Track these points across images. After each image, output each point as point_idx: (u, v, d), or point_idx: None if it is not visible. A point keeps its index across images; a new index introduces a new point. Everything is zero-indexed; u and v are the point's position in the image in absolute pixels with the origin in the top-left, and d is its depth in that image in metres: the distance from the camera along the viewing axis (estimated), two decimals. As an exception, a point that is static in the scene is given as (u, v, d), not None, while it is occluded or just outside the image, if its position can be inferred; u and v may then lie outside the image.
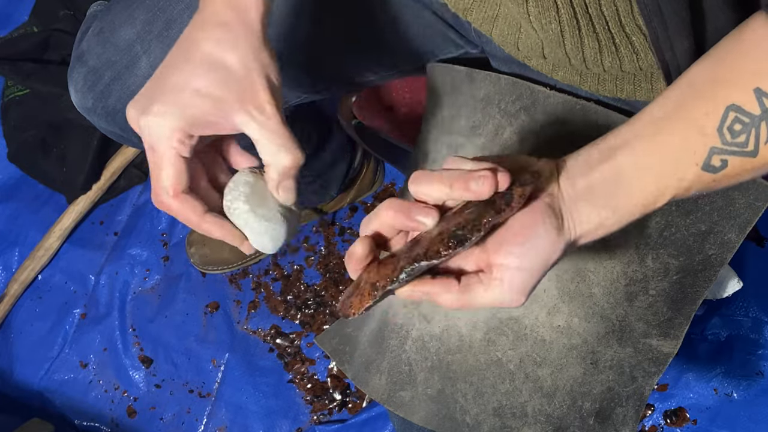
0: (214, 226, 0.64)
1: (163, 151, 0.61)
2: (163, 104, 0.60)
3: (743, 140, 0.53)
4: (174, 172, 0.61)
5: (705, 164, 0.55)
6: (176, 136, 0.60)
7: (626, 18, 0.65)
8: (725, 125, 0.53)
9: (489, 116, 0.83)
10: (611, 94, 0.77)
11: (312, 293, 1.54)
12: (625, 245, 0.75)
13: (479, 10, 0.77)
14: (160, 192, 0.62)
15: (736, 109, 0.53)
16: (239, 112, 0.60)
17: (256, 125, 0.61)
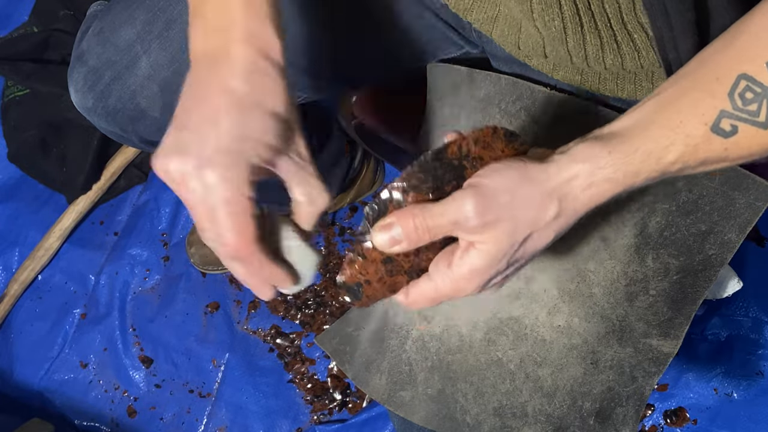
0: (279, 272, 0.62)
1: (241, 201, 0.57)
2: (231, 156, 0.57)
3: (755, 109, 0.53)
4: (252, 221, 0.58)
5: (714, 125, 0.54)
6: (248, 185, 0.57)
7: (628, 15, 0.65)
8: (736, 91, 0.53)
9: (489, 116, 0.83)
10: (612, 93, 0.77)
11: (312, 293, 1.54)
12: (625, 245, 0.76)
13: (479, 10, 0.77)
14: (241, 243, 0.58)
15: (748, 78, 0.53)
16: (285, 160, 0.60)
17: (297, 170, 0.61)
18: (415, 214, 0.56)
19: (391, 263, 0.58)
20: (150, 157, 1.66)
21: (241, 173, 0.57)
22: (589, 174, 0.56)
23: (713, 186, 0.74)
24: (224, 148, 0.57)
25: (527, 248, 0.57)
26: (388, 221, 0.57)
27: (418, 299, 0.60)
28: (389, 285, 0.59)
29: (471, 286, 0.58)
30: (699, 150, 0.55)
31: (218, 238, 0.58)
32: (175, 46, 0.86)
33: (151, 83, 0.87)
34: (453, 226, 0.56)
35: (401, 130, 1.14)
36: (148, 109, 0.89)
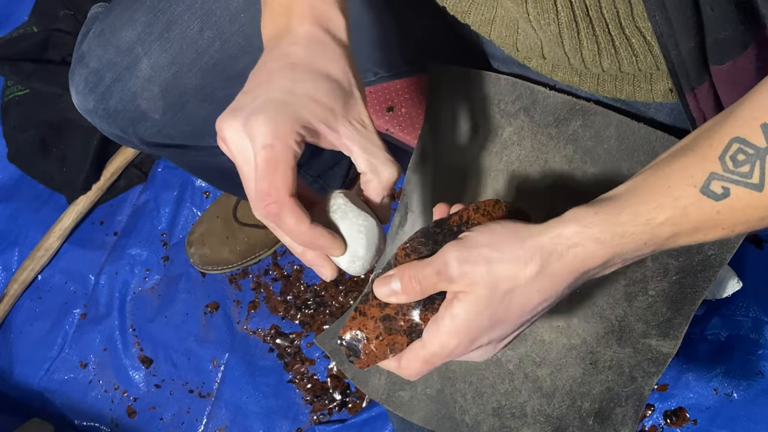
0: (320, 233, 0.59)
1: (281, 148, 0.56)
2: (279, 104, 0.57)
3: (747, 170, 0.52)
4: (291, 172, 0.57)
5: (704, 187, 0.52)
6: (294, 136, 0.57)
7: (626, 20, 0.65)
8: (728, 154, 0.52)
9: (488, 116, 0.83)
10: (610, 94, 0.77)
11: (312, 293, 1.54)
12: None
13: (476, 12, 0.77)
14: (272, 192, 0.56)
15: (741, 141, 0.52)
16: (345, 124, 0.60)
17: (359, 138, 0.61)
18: (409, 266, 0.58)
19: (389, 321, 0.60)
20: (149, 157, 1.65)
21: (288, 123, 0.57)
22: (574, 233, 0.54)
23: (712, 186, 0.74)
24: (273, 99, 0.58)
25: (511, 307, 0.56)
26: (388, 274, 0.59)
27: (410, 360, 0.60)
28: (389, 343, 0.61)
29: (455, 341, 0.57)
30: (689, 213, 0.53)
31: (255, 189, 0.57)
32: (176, 47, 0.86)
33: (151, 85, 0.88)
34: (438, 276, 0.57)
35: (401, 130, 1.14)
36: (149, 110, 0.89)
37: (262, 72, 0.61)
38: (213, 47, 0.86)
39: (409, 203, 0.88)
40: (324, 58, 0.61)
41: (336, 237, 0.60)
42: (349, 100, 0.61)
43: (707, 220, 0.53)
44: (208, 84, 0.88)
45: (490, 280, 0.55)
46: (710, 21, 0.58)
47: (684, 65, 0.62)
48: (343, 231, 0.61)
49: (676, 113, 0.79)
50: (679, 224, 0.54)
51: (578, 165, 0.78)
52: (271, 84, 0.59)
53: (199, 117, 0.90)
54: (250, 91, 0.60)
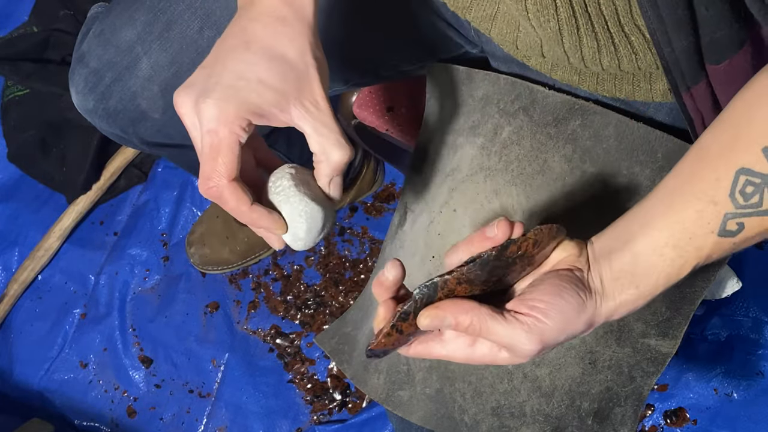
0: (261, 216, 0.62)
1: (224, 134, 0.59)
2: (228, 89, 0.60)
3: (757, 201, 0.54)
4: (233, 157, 0.60)
5: (721, 230, 0.55)
6: (239, 122, 0.59)
7: (625, 18, 0.65)
8: (737, 189, 0.54)
9: (488, 116, 0.83)
10: (610, 93, 0.77)
11: (312, 293, 1.54)
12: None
13: (478, 8, 0.77)
14: (213, 176, 0.60)
15: (746, 172, 0.53)
16: (297, 106, 0.61)
17: (311, 119, 0.62)
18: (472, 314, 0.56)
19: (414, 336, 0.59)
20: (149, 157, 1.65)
21: (233, 108, 0.59)
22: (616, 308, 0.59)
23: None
24: (223, 83, 0.60)
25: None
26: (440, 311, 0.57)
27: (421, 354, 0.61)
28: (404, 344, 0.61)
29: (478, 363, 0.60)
30: (711, 255, 0.57)
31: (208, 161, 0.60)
32: (176, 46, 0.86)
33: (151, 84, 0.88)
34: (504, 345, 0.57)
35: (401, 130, 1.14)
36: (149, 110, 0.89)
37: (220, 48, 0.62)
38: (213, 47, 0.86)
39: (409, 203, 0.88)
40: (281, 37, 0.62)
41: (276, 219, 0.63)
42: (302, 82, 0.62)
43: (724, 252, 0.57)
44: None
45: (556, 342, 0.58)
46: (705, 20, 0.58)
47: (678, 64, 0.62)
48: (285, 214, 0.64)
49: (675, 113, 0.79)
50: (700, 264, 0.58)
51: (577, 164, 0.78)
52: (224, 65, 0.61)
53: (199, 117, 0.90)
54: (206, 66, 0.62)
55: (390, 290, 0.59)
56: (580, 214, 0.78)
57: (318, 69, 0.63)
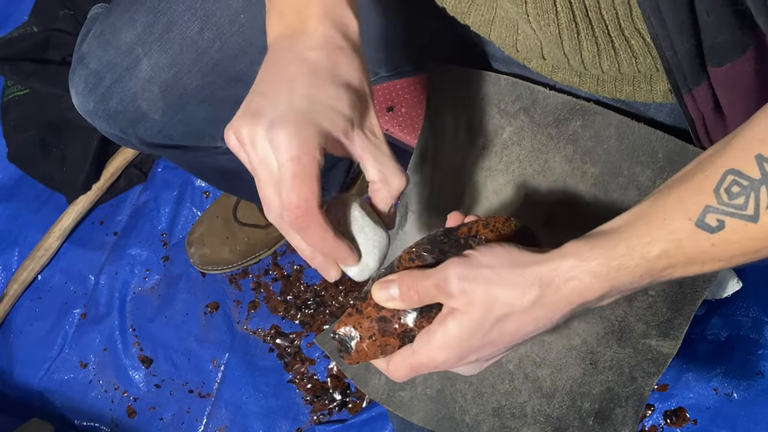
0: (342, 245, 0.61)
1: (307, 161, 0.56)
2: (305, 114, 0.57)
3: (741, 202, 0.52)
4: (318, 184, 0.57)
5: (699, 220, 0.53)
6: (319, 148, 0.57)
7: (625, 22, 0.65)
8: (722, 186, 0.52)
9: (489, 116, 0.83)
10: (610, 94, 0.77)
11: (312, 293, 1.54)
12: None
13: (476, 13, 0.77)
14: (302, 205, 0.57)
15: (735, 173, 0.52)
16: (359, 135, 0.61)
17: (371, 148, 0.61)
18: (410, 274, 0.58)
19: (384, 322, 0.60)
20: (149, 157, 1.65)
21: (313, 134, 0.57)
22: (572, 266, 0.55)
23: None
24: (297, 108, 0.57)
25: (503, 331, 0.57)
26: (389, 278, 0.59)
27: (398, 365, 0.60)
28: (380, 345, 0.61)
29: (443, 355, 0.58)
30: (684, 246, 0.54)
31: (282, 201, 0.57)
32: (176, 48, 0.86)
33: (151, 85, 0.87)
34: (437, 290, 0.57)
35: (401, 130, 1.14)
36: (149, 111, 0.89)
37: (279, 75, 0.59)
38: (213, 48, 0.86)
39: (409, 203, 0.88)
40: (343, 65, 0.61)
41: (354, 251, 0.62)
42: (365, 111, 0.61)
43: (702, 252, 0.54)
44: (209, 84, 0.88)
45: (487, 303, 0.56)
46: (706, 25, 0.58)
47: (680, 66, 0.62)
48: (359, 243, 0.63)
49: (676, 114, 0.79)
50: (675, 257, 0.54)
51: (578, 165, 0.78)
52: (292, 91, 0.58)
53: (199, 117, 0.90)
54: (268, 94, 0.59)
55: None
56: (580, 214, 0.78)
57: (373, 97, 0.63)
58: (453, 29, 0.90)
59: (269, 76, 0.60)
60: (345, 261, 0.62)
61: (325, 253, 0.61)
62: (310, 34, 0.61)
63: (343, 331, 0.61)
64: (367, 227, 0.63)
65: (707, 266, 0.55)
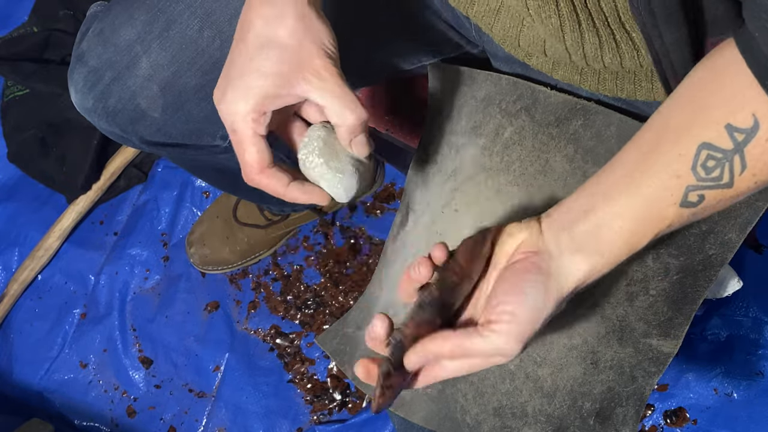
0: (298, 192, 0.68)
1: (242, 131, 0.65)
2: (234, 89, 0.64)
3: (718, 174, 0.55)
4: (256, 150, 0.65)
5: (683, 202, 0.57)
6: (250, 117, 0.64)
7: (625, 15, 0.65)
8: (698, 163, 0.55)
9: (490, 116, 0.83)
10: (611, 93, 0.77)
11: (312, 293, 1.54)
12: (625, 245, 0.75)
13: (481, 3, 0.77)
14: (245, 169, 0.66)
15: (708, 147, 0.54)
16: (299, 83, 0.64)
17: (316, 91, 0.65)
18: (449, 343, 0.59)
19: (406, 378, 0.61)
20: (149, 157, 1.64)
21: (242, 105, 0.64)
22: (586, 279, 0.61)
23: (713, 186, 0.74)
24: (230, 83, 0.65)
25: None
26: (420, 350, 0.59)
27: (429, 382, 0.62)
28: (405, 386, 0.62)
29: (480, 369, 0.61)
30: (672, 224, 0.58)
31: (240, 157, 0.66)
32: (175, 46, 0.86)
33: (151, 84, 0.87)
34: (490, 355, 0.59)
35: (401, 130, 1.14)
36: (149, 109, 0.89)
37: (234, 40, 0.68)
38: (212, 46, 0.86)
39: (411, 203, 0.88)
40: (270, 21, 0.65)
41: (317, 194, 0.69)
42: (300, 57, 0.64)
43: (685, 221, 0.59)
44: (208, 83, 0.88)
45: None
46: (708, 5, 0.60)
47: (668, 55, 0.63)
48: (323, 187, 0.69)
49: (677, 113, 0.79)
50: (661, 233, 0.59)
51: (579, 164, 0.78)
52: (231, 65, 0.66)
53: (199, 116, 0.90)
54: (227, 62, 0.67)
55: (384, 341, 0.61)
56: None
57: (315, 41, 0.65)
58: (453, 29, 0.90)
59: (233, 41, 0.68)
60: (311, 202, 0.69)
61: (291, 200, 0.68)
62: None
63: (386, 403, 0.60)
64: (327, 174, 0.68)
65: (683, 226, 0.60)
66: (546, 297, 0.59)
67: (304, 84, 0.65)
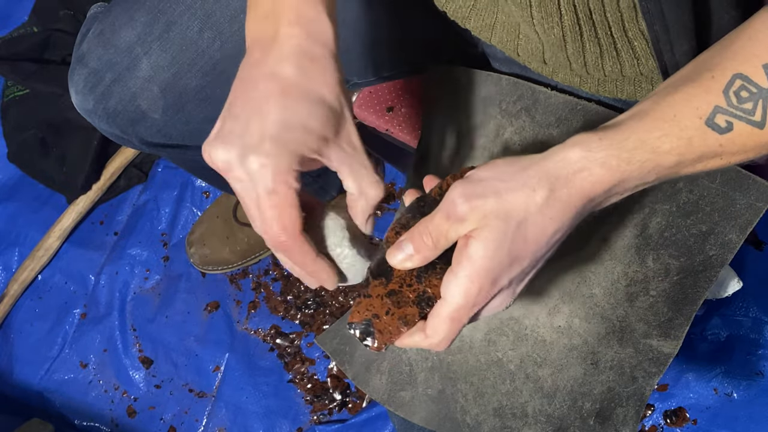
0: (324, 269, 0.62)
1: (284, 191, 0.57)
2: (276, 143, 0.56)
3: (750, 107, 0.53)
4: (297, 211, 0.58)
5: (709, 120, 0.53)
6: (293, 174, 0.57)
7: (630, 23, 0.65)
8: (731, 89, 0.53)
9: (490, 116, 0.83)
10: (611, 95, 0.77)
11: (312, 293, 1.54)
12: (625, 246, 0.75)
13: (477, 18, 0.77)
14: (281, 234, 0.58)
15: (743, 78, 0.53)
16: (335, 149, 0.59)
17: (349, 161, 0.60)
18: (416, 226, 0.57)
19: (395, 295, 0.59)
20: (149, 157, 1.65)
21: (286, 162, 0.56)
22: (580, 157, 0.54)
23: (714, 187, 0.74)
24: (268, 136, 0.56)
25: (527, 239, 0.55)
26: (400, 240, 0.58)
27: (437, 327, 0.57)
28: (399, 317, 0.59)
29: (476, 284, 0.55)
30: (694, 143, 0.54)
31: (263, 228, 0.58)
32: (176, 47, 0.86)
33: (151, 85, 0.87)
34: (447, 221, 0.55)
35: (401, 130, 1.14)
36: (149, 110, 0.89)
37: (251, 91, 0.58)
38: (213, 47, 0.86)
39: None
40: (316, 78, 0.58)
41: (332, 274, 0.63)
42: (340, 124, 0.59)
43: (710, 151, 0.54)
44: (208, 84, 0.88)
45: (502, 211, 0.54)
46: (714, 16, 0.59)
47: (677, 67, 0.62)
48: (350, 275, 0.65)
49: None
50: (684, 154, 0.54)
51: (579, 165, 0.78)
52: (264, 115, 0.57)
53: (199, 117, 0.90)
54: (239, 117, 0.58)
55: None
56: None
57: (350, 108, 0.61)
58: (453, 29, 0.91)
59: (241, 95, 0.59)
60: (323, 282, 0.63)
61: (308, 274, 0.62)
62: (281, 44, 0.58)
63: (358, 318, 0.60)
64: (350, 257, 0.64)
65: (709, 164, 0.56)
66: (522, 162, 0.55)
67: (340, 152, 0.60)
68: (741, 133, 0.53)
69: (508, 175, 0.55)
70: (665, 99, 0.54)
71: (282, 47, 0.58)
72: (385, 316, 0.59)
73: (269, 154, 0.56)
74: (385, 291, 0.59)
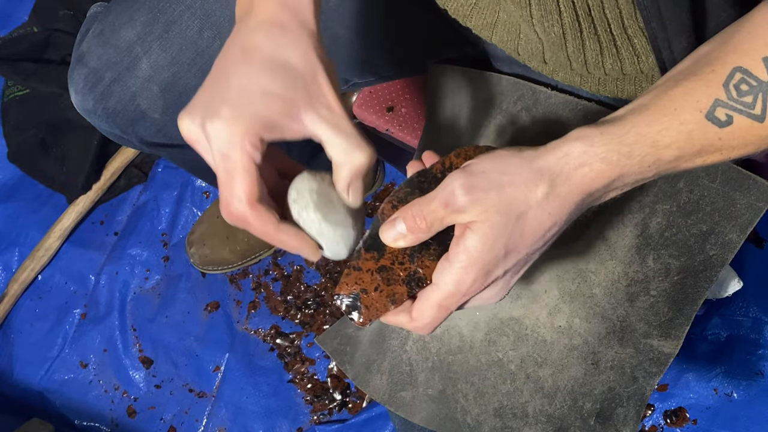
0: (291, 237, 0.58)
1: (237, 157, 0.55)
2: (233, 107, 0.55)
3: (750, 101, 0.53)
4: (250, 179, 0.55)
5: (709, 113, 0.53)
6: (250, 141, 0.55)
7: (629, 20, 0.65)
8: (731, 82, 0.53)
9: (490, 116, 0.83)
10: (612, 94, 0.77)
11: (312, 293, 1.54)
12: (626, 246, 0.75)
13: (478, 17, 0.77)
14: (233, 202, 0.56)
15: (743, 72, 0.53)
16: (309, 113, 0.57)
17: (326, 125, 0.57)
18: (411, 205, 0.56)
19: (386, 271, 0.59)
20: (149, 157, 1.65)
21: (242, 126, 0.55)
22: (581, 152, 0.54)
23: (714, 187, 0.74)
24: (225, 102, 0.56)
25: (524, 232, 0.55)
26: (393, 217, 0.57)
27: (424, 311, 0.57)
28: (388, 294, 0.59)
29: (471, 275, 0.55)
30: (694, 137, 0.54)
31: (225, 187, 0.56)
32: (176, 47, 0.86)
33: (151, 84, 0.87)
34: (445, 209, 0.55)
35: (401, 130, 1.14)
36: (149, 110, 0.89)
37: (220, 63, 0.59)
38: (213, 47, 0.86)
39: (410, 203, 0.88)
40: (282, 45, 0.58)
41: (306, 242, 0.59)
42: (311, 87, 0.57)
43: (709, 145, 0.54)
44: (209, 84, 0.88)
45: (503, 205, 0.54)
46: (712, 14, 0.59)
47: (675, 63, 0.62)
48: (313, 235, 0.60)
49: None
50: (684, 148, 0.54)
51: (579, 165, 0.78)
52: (227, 82, 0.57)
53: (199, 117, 0.90)
54: (207, 86, 0.58)
55: None
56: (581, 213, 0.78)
57: (326, 72, 0.58)
58: (453, 29, 0.91)
59: (213, 69, 0.59)
60: (300, 252, 0.59)
61: (277, 244, 0.59)
62: (255, 14, 0.59)
63: (345, 290, 0.59)
64: (318, 223, 0.59)
65: (709, 159, 0.56)
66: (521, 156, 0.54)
67: (314, 115, 0.57)
68: (741, 126, 0.54)
69: (510, 167, 0.55)
70: (666, 93, 0.55)
71: (255, 16, 0.59)
72: (373, 292, 0.59)
73: (224, 117, 0.55)
74: (376, 266, 0.58)
